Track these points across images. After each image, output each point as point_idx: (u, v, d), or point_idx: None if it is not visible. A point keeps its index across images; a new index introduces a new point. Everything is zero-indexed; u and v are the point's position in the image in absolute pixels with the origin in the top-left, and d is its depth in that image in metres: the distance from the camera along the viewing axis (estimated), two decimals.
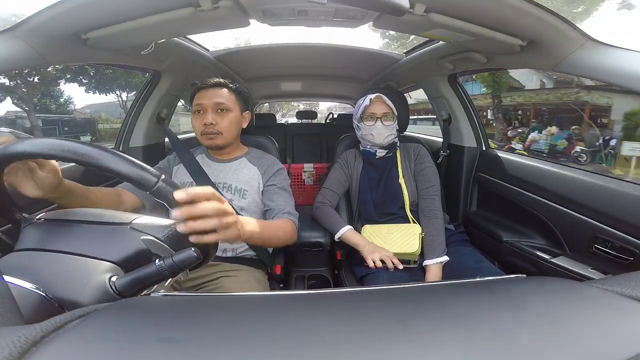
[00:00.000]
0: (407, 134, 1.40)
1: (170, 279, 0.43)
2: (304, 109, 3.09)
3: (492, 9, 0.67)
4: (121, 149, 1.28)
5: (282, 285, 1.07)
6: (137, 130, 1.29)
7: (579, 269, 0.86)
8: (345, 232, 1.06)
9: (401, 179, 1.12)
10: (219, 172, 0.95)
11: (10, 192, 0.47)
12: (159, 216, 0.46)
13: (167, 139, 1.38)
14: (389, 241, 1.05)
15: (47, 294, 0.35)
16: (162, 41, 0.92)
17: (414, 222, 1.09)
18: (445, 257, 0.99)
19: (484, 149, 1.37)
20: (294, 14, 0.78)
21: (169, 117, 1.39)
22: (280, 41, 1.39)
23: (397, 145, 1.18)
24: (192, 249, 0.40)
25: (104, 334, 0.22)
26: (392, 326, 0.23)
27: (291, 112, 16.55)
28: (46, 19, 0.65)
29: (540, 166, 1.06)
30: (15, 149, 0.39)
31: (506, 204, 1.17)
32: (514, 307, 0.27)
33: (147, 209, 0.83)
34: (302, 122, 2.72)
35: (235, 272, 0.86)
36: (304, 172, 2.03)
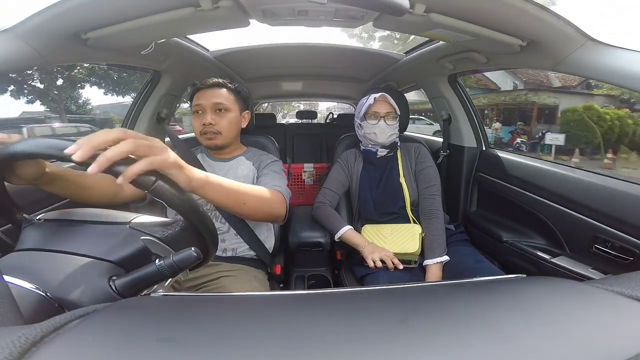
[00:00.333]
0: (407, 134, 1.39)
1: (170, 279, 0.43)
2: (304, 109, 3.08)
3: (492, 9, 0.67)
4: None
5: (282, 285, 1.07)
6: (137, 130, 1.29)
7: (579, 269, 0.86)
8: (345, 232, 1.06)
9: (402, 178, 1.12)
10: (219, 171, 0.95)
11: (11, 193, 0.47)
12: (159, 209, 0.46)
13: (167, 139, 1.38)
14: (389, 241, 1.05)
15: (47, 294, 0.35)
16: (162, 41, 0.92)
17: (414, 221, 1.09)
18: (445, 257, 0.99)
19: (484, 149, 1.37)
20: (294, 14, 0.78)
21: (169, 117, 1.39)
22: (280, 41, 1.39)
23: (398, 144, 1.18)
24: (192, 249, 0.40)
25: (104, 334, 0.22)
26: (392, 326, 0.23)
27: (291, 112, 16.59)
28: (46, 19, 0.64)
29: (540, 166, 1.06)
30: (14, 149, 0.39)
31: (506, 204, 1.17)
32: (514, 307, 0.27)
33: (146, 200, 0.83)
34: (302, 122, 2.72)
35: (235, 272, 0.86)
36: (304, 172, 2.03)
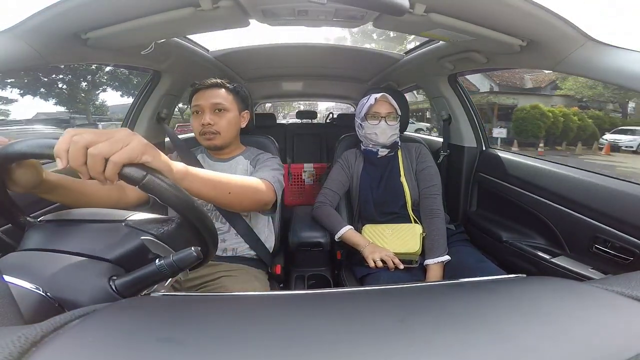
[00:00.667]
0: (407, 134, 1.39)
1: (170, 279, 0.43)
2: (304, 109, 3.09)
3: (492, 9, 0.67)
4: None
5: (282, 285, 1.07)
6: (137, 130, 1.29)
7: (579, 268, 0.86)
8: (345, 232, 1.06)
9: (402, 178, 1.12)
10: (218, 171, 0.95)
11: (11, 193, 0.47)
12: (162, 213, 0.46)
13: (167, 139, 1.37)
14: (390, 241, 1.05)
15: (47, 294, 0.35)
16: (162, 41, 0.92)
17: (415, 221, 1.09)
18: (446, 257, 0.99)
19: (484, 149, 1.37)
20: (294, 14, 0.78)
21: (169, 117, 1.39)
22: (280, 41, 1.39)
23: (399, 144, 1.18)
24: (192, 248, 0.40)
25: (104, 334, 0.22)
26: (392, 326, 0.23)
27: (291, 113, 16.58)
28: (46, 18, 0.64)
29: (540, 166, 1.06)
30: (13, 149, 0.39)
31: (506, 204, 1.17)
32: (514, 307, 0.27)
33: (149, 204, 0.83)
34: (302, 122, 2.72)
35: (235, 271, 0.86)
36: (304, 172, 2.03)
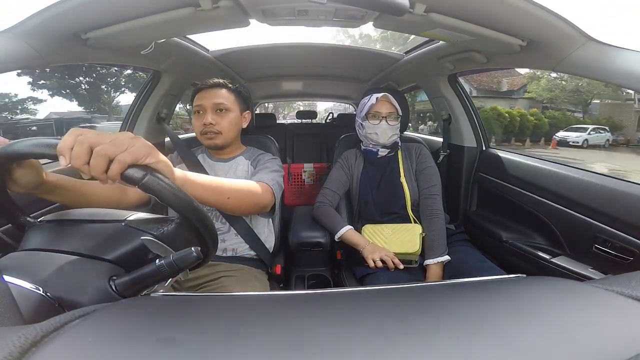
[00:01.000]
0: (407, 134, 1.39)
1: (170, 279, 0.43)
2: (304, 109, 3.09)
3: (492, 9, 0.67)
4: None
5: (282, 285, 1.07)
6: (137, 130, 1.29)
7: (579, 268, 0.86)
8: (345, 232, 1.06)
9: (402, 178, 1.12)
10: (219, 171, 0.95)
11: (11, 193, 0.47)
12: (163, 213, 0.46)
13: (167, 139, 1.37)
14: (390, 241, 1.04)
15: (47, 294, 0.35)
16: (162, 41, 0.92)
17: (415, 221, 1.09)
18: (446, 257, 0.99)
19: (484, 149, 1.37)
20: (294, 13, 0.78)
21: (169, 117, 1.39)
22: (280, 41, 1.39)
23: (399, 144, 1.18)
24: (192, 248, 0.40)
25: (104, 334, 0.22)
26: (392, 326, 0.23)
27: (291, 113, 16.60)
28: (46, 18, 0.64)
29: (540, 166, 1.06)
30: (14, 149, 0.39)
31: (506, 204, 1.17)
32: (514, 307, 0.27)
33: (150, 205, 0.83)
34: (302, 122, 2.72)
35: (235, 271, 0.86)
36: (304, 172, 2.03)
